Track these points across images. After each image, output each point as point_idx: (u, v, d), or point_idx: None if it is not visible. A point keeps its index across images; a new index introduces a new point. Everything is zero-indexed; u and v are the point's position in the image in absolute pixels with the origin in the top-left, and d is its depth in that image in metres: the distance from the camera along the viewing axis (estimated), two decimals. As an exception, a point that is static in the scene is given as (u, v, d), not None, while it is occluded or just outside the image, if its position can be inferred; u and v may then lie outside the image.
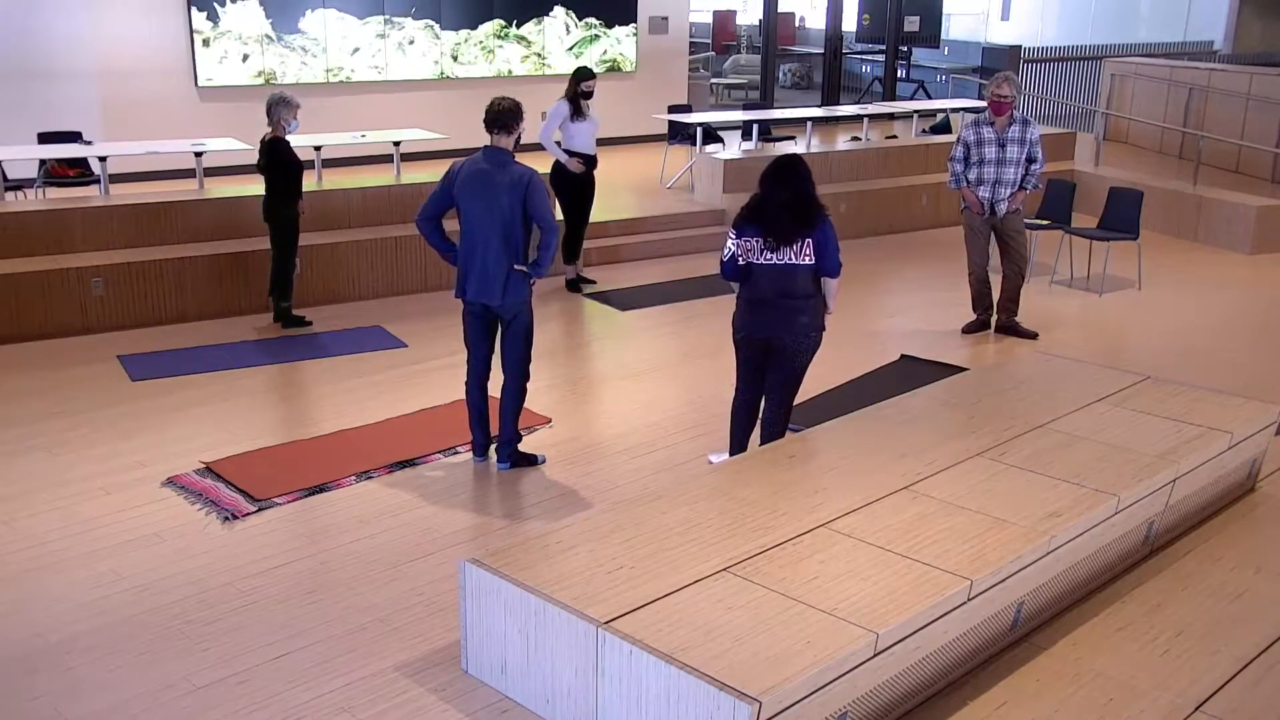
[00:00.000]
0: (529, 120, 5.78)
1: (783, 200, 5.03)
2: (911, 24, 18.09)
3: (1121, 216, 9.36)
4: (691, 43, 16.39)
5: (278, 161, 7.40)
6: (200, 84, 11.87)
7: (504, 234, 5.30)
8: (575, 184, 8.73)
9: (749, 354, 5.32)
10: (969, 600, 3.69)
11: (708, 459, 5.75)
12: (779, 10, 17.38)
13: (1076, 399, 5.35)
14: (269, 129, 7.41)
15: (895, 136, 14.43)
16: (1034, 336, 7.92)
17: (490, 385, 5.68)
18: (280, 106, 7.34)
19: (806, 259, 5.04)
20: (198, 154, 9.30)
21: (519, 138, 5.45)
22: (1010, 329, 7.98)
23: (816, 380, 6.78)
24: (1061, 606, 4.29)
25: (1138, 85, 15.90)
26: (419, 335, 7.79)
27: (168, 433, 6.05)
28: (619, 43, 14.78)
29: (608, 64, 14.64)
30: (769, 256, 5.07)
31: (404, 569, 4.72)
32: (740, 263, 5.15)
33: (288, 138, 7.47)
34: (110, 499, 5.28)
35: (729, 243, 5.17)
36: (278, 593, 4.52)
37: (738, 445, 5.50)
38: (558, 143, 8.61)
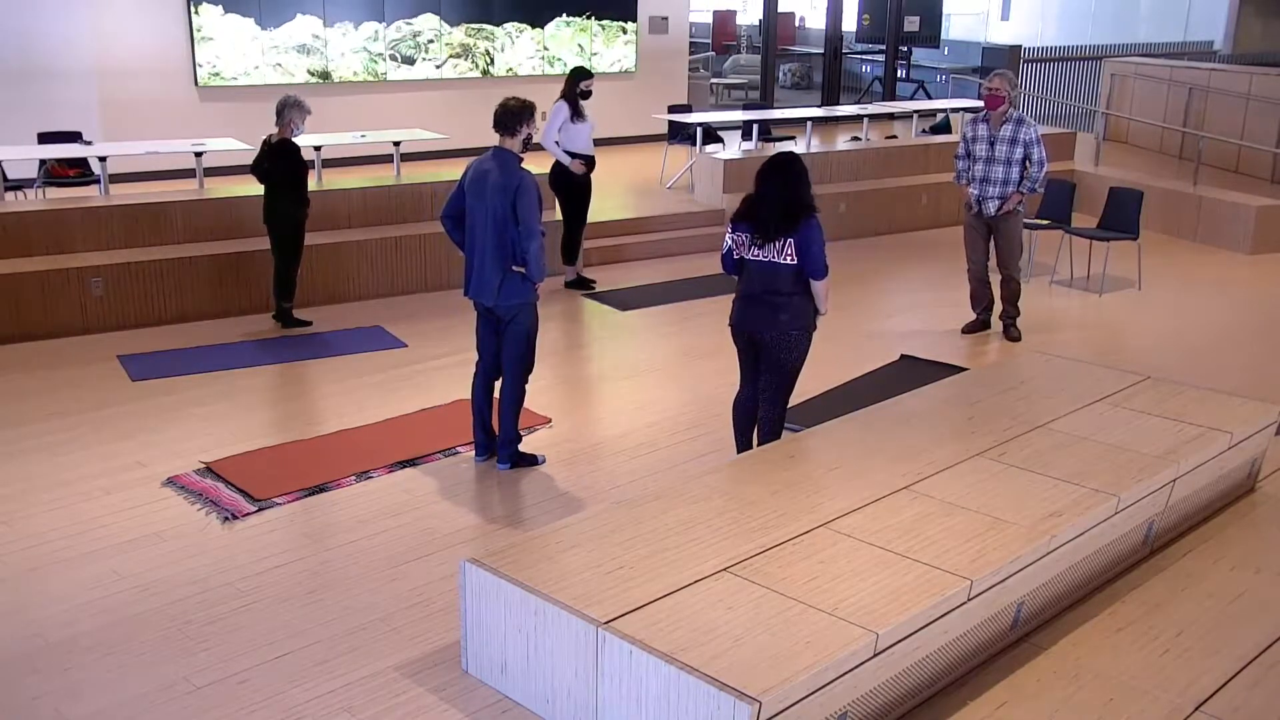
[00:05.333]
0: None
1: (771, 198, 5.06)
2: (911, 24, 18.09)
3: (1121, 216, 9.37)
4: (691, 43, 16.40)
5: (287, 163, 7.39)
6: (201, 84, 11.87)
7: (497, 235, 5.30)
8: (574, 185, 8.73)
9: (740, 346, 5.39)
10: (969, 600, 3.69)
11: None
12: (779, 10, 17.38)
13: (1076, 399, 5.35)
14: (275, 130, 7.40)
15: (895, 136, 14.43)
16: (1015, 339, 7.93)
17: (496, 386, 5.68)
18: (292, 109, 7.33)
19: (789, 259, 5.05)
20: (198, 154, 9.30)
21: (528, 139, 5.44)
22: (1004, 329, 8.00)
23: (816, 380, 6.78)
24: (1061, 606, 4.29)
25: (1138, 85, 15.90)
26: (419, 335, 7.79)
27: (168, 433, 6.05)
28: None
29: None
30: (756, 253, 5.12)
31: (404, 569, 4.72)
32: (735, 257, 5.22)
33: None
34: (110, 499, 5.28)
35: (726, 236, 5.25)
36: (278, 593, 4.52)
37: (741, 445, 5.50)
38: (557, 143, 8.60)
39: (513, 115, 5.38)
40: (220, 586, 4.56)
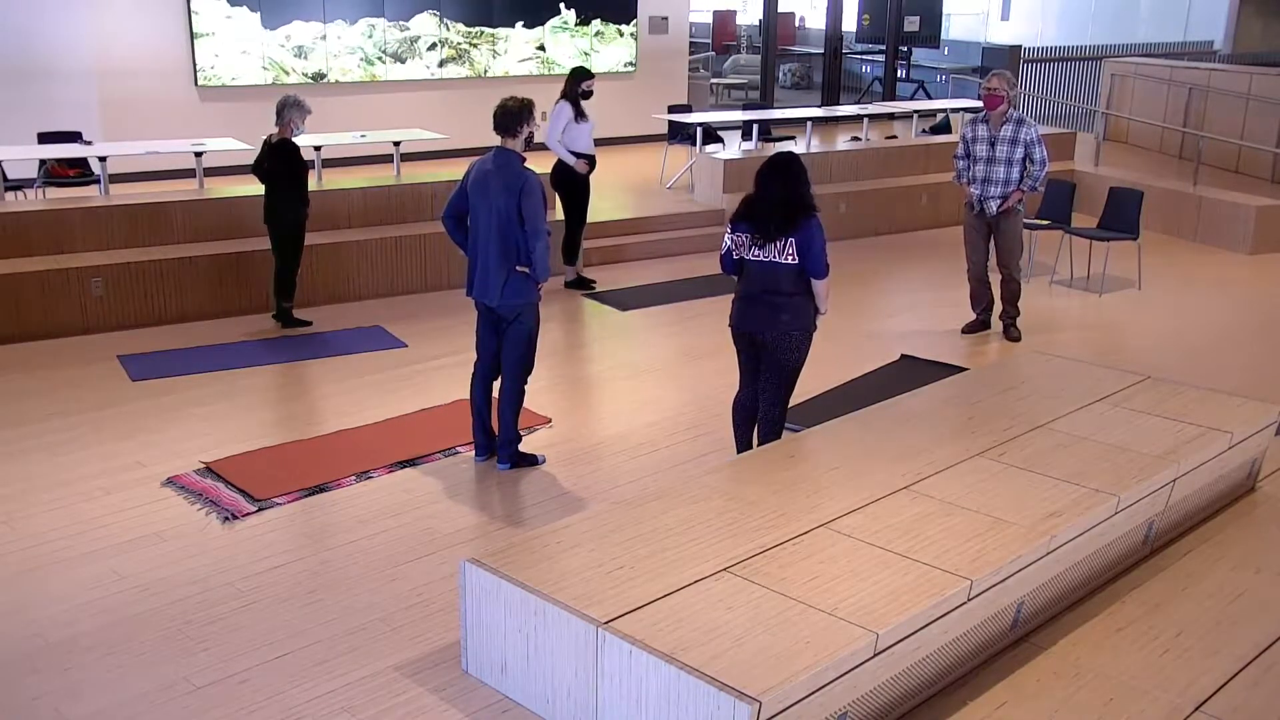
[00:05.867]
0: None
1: (771, 198, 5.06)
2: (911, 24, 18.08)
3: (1121, 216, 9.37)
4: (691, 43, 16.39)
5: (287, 163, 7.39)
6: (201, 84, 11.87)
7: (501, 235, 5.31)
8: (576, 185, 8.73)
9: (740, 347, 5.38)
10: (969, 600, 3.69)
11: None
12: (779, 10, 17.37)
13: (1076, 399, 5.35)
14: (276, 129, 7.40)
15: (895, 136, 14.43)
16: (1015, 339, 7.94)
17: (495, 385, 5.68)
18: (293, 109, 7.33)
19: (790, 259, 5.05)
20: (198, 154, 9.30)
21: (529, 137, 5.44)
22: (1004, 329, 8.01)
23: (816, 380, 6.79)
24: (1061, 606, 4.29)
25: (1138, 85, 15.90)
26: (419, 335, 7.79)
27: (168, 433, 6.05)
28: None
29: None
30: (757, 253, 5.11)
31: (404, 569, 4.72)
32: (735, 257, 5.21)
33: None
34: (110, 499, 5.28)
35: (726, 237, 5.24)
36: (278, 593, 4.52)
37: (741, 445, 5.50)
38: (560, 143, 8.60)
39: (513, 116, 5.38)
40: (220, 586, 4.56)
